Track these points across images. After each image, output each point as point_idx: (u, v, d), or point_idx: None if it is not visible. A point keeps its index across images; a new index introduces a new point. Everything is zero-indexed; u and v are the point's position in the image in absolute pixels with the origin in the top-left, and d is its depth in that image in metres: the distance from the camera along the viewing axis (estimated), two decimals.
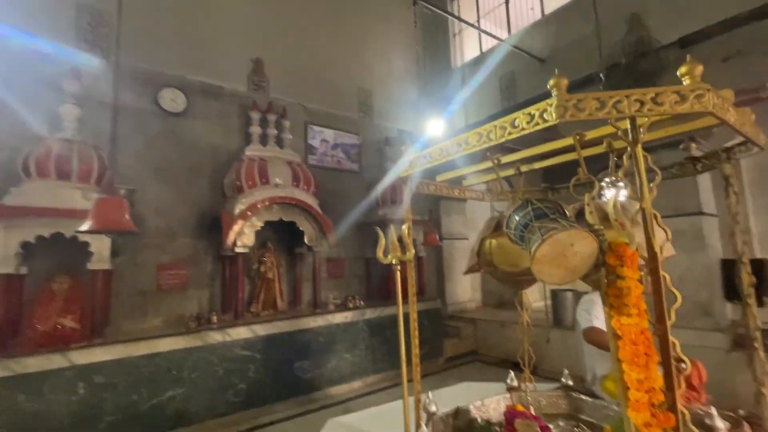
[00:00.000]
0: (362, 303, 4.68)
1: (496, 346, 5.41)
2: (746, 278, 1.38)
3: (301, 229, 4.32)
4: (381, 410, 2.19)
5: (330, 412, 3.73)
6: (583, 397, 1.90)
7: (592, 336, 1.97)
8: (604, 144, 1.26)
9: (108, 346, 3.01)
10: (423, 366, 4.89)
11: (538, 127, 1.02)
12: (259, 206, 3.93)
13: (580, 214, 1.16)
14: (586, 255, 0.89)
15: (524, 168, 1.86)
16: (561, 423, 1.75)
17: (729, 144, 1.41)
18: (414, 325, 1.69)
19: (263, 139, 4.50)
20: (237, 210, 3.91)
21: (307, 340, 4.04)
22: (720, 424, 1.43)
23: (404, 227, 1.69)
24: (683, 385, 0.84)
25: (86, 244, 3.12)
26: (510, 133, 1.10)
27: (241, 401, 3.55)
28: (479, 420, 1.75)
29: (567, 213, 1.01)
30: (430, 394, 1.65)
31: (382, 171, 5.69)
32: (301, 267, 4.85)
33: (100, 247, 3.16)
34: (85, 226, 2.28)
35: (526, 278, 1.64)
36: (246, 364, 3.62)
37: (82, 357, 2.90)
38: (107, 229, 2.31)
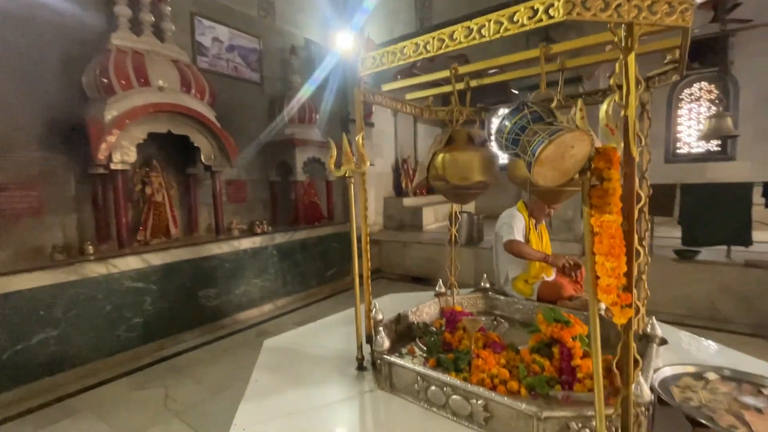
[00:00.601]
0: (270, 228, 4.44)
1: (398, 264, 5.86)
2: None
3: (195, 145, 3.70)
4: (313, 327, 2.19)
5: (243, 335, 3.66)
6: (498, 296, 2.20)
7: (514, 247, 2.23)
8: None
9: None
10: (332, 285, 5.07)
11: (540, 24, 0.97)
12: (139, 113, 3.17)
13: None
14: (579, 158, 0.93)
15: (474, 83, 1.83)
16: (482, 318, 2.01)
17: (650, 74, 1.59)
18: (366, 239, 1.65)
19: (136, 28, 3.50)
20: (108, 116, 3.10)
21: (211, 267, 3.71)
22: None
23: (358, 137, 1.55)
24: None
25: None
26: (507, 29, 1.02)
27: (138, 336, 3.17)
28: (417, 323, 1.88)
29: (558, 118, 1.02)
30: (376, 303, 1.68)
31: (288, 85, 5.12)
32: (196, 190, 4.26)
33: None
34: None
35: (472, 192, 1.71)
36: (140, 296, 3.18)
37: None
38: None
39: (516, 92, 6.03)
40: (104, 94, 3.19)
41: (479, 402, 1.19)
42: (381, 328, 1.50)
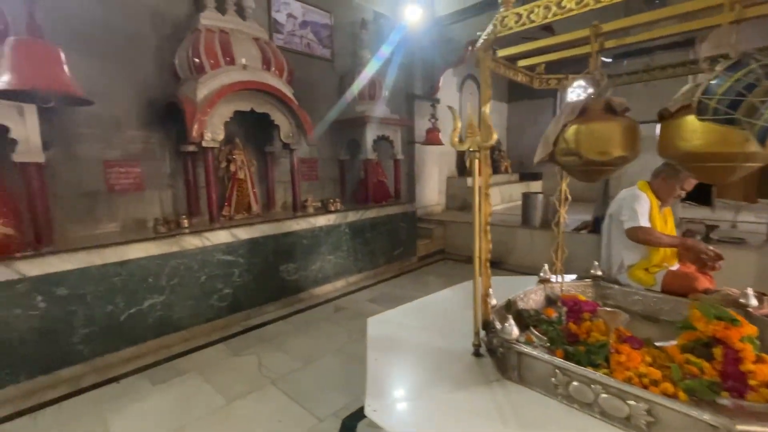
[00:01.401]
0: (342, 207, 4.47)
1: (463, 245, 5.70)
2: None
3: (275, 123, 3.76)
4: (411, 307, 2.15)
5: (321, 310, 3.75)
6: (611, 285, 2.00)
7: (640, 235, 2.00)
8: None
9: (65, 254, 2.51)
10: (399, 264, 5.05)
11: None
12: (227, 92, 3.26)
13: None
14: None
15: (611, 43, 1.60)
16: (626, 314, 1.83)
17: None
18: (486, 220, 1.53)
19: (220, 6, 3.56)
20: (200, 95, 3.21)
21: (290, 243, 3.82)
22: (754, 301, 1.58)
23: (485, 108, 1.41)
24: None
25: (4, 129, 2.37)
26: None
27: (228, 305, 3.37)
28: (527, 311, 1.76)
29: None
30: (489, 289, 1.57)
31: (357, 60, 5.00)
32: (273, 167, 4.38)
33: (26, 132, 2.42)
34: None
35: (609, 168, 1.51)
36: (229, 268, 3.35)
37: (35, 267, 2.40)
38: (38, 87, 1.61)
39: (608, 60, 5.45)
40: (195, 73, 3.30)
41: (641, 405, 1.06)
42: (509, 316, 1.40)
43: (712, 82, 0.84)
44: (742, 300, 1.58)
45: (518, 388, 1.31)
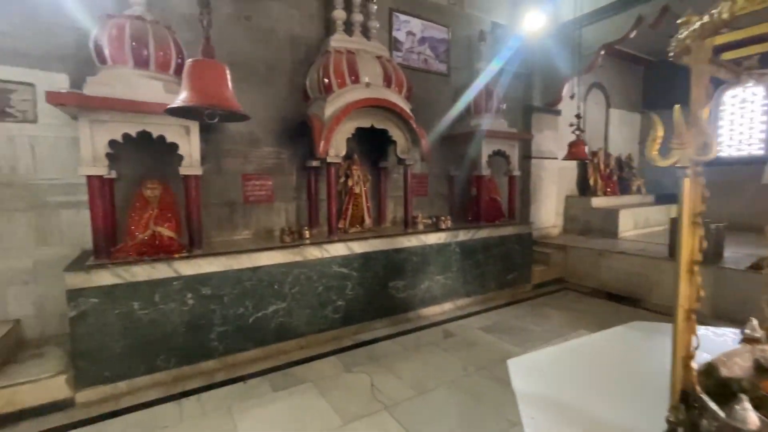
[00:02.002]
0: (452, 224, 4.26)
1: (589, 275, 4.97)
2: None
3: (393, 138, 3.76)
4: (562, 351, 1.82)
5: (430, 333, 3.56)
6: None
7: None
8: None
9: (211, 257, 2.79)
10: (511, 290, 4.58)
11: None
12: (351, 109, 3.35)
13: None
14: None
15: None
16: None
17: None
18: (694, 257, 1.18)
19: (348, 28, 3.74)
20: (327, 113, 3.36)
21: (401, 259, 3.74)
22: None
23: (704, 111, 1.08)
24: None
25: (174, 146, 2.74)
26: None
27: (340, 318, 3.40)
28: (738, 382, 1.31)
29: None
30: (695, 349, 1.18)
31: (473, 73, 4.81)
32: (386, 182, 4.40)
33: (190, 149, 2.78)
34: (180, 100, 1.79)
35: None
36: (344, 281, 3.39)
37: (188, 268, 2.71)
38: (210, 104, 1.78)
39: None
40: (324, 93, 3.48)
41: None
42: (743, 397, 1.02)
43: None
44: None
45: None
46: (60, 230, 2.90)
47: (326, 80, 3.45)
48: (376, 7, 3.87)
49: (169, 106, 1.77)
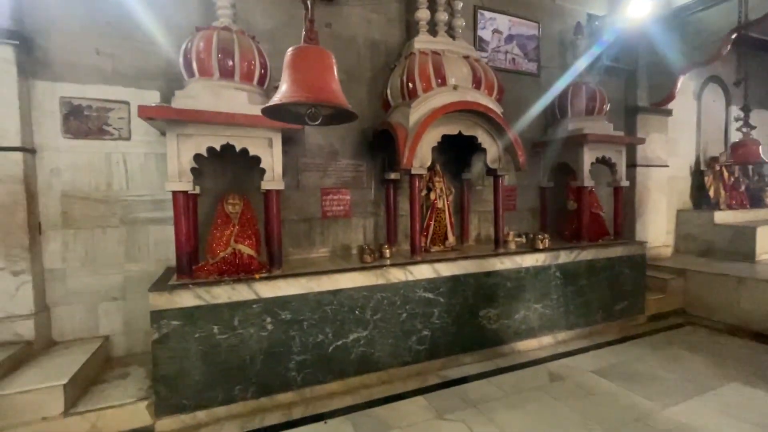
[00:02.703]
0: (550, 244, 3.68)
1: (723, 308, 4.04)
2: None
3: (482, 146, 3.33)
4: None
5: (531, 374, 3.01)
6: None
7: None
8: None
9: (291, 278, 2.57)
10: (621, 323, 3.79)
11: None
12: (438, 115, 3.00)
13: None
14: None
15: None
16: None
17: None
18: None
19: (431, 28, 3.43)
20: (413, 120, 3.05)
21: (493, 284, 3.25)
22: None
23: None
24: None
25: (257, 160, 2.59)
26: None
27: (426, 349, 3.00)
28: None
29: None
30: None
31: (568, 71, 4.23)
32: (469, 196, 3.98)
33: (273, 162, 2.61)
34: (280, 96, 1.45)
35: None
36: (429, 307, 3.00)
37: (268, 289, 2.50)
38: (318, 100, 1.47)
39: None
40: (408, 98, 3.18)
41: None
42: None
43: None
44: None
45: None
46: (147, 246, 2.89)
47: (410, 84, 3.15)
48: (461, 3, 3.52)
49: (266, 105, 1.53)
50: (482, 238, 4.10)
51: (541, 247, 3.52)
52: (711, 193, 5.48)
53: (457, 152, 3.86)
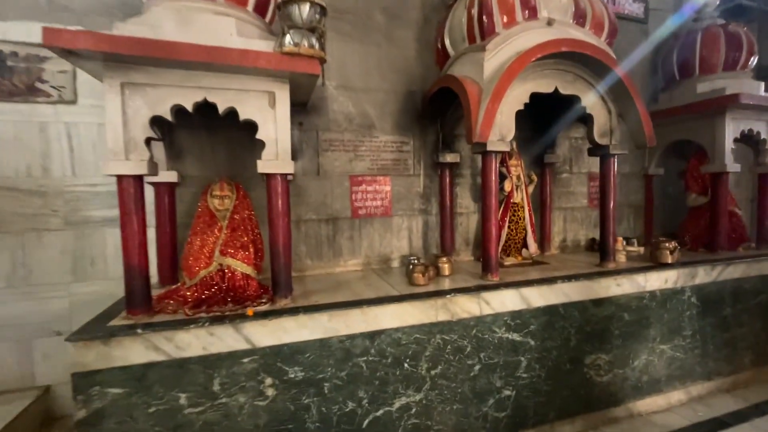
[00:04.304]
0: (679, 257, 2.55)
1: None
2: None
3: (587, 111, 2.25)
4: None
5: None
6: None
7: None
8: None
9: (304, 314, 1.61)
10: None
11: None
12: (526, 62, 1.95)
13: None
14: None
15: None
16: None
17: None
18: None
19: None
20: (489, 69, 2.02)
21: (603, 317, 2.18)
22: None
23: None
24: None
25: (251, 127, 1.65)
26: None
27: (507, 418, 1.98)
28: None
29: None
30: None
31: (684, 17, 3.06)
32: (552, 186, 2.90)
33: (275, 131, 1.66)
34: None
35: None
36: (514, 354, 1.98)
37: (267, 333, 1.56)
38: None
39: None
40: (480, 40, 2.13)
41: None
42: None
43: None
44: None
45: None
46: (104, 258, 2.03)
47: (484, 18, 2.09)
48: None
49: None
50: (568, 244, 3.01)
51: (669, 260, 2.40)
52: None
53: (535, 124, 2.79)
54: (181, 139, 2.06)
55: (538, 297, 2.02)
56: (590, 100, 2.24)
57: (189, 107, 1.57)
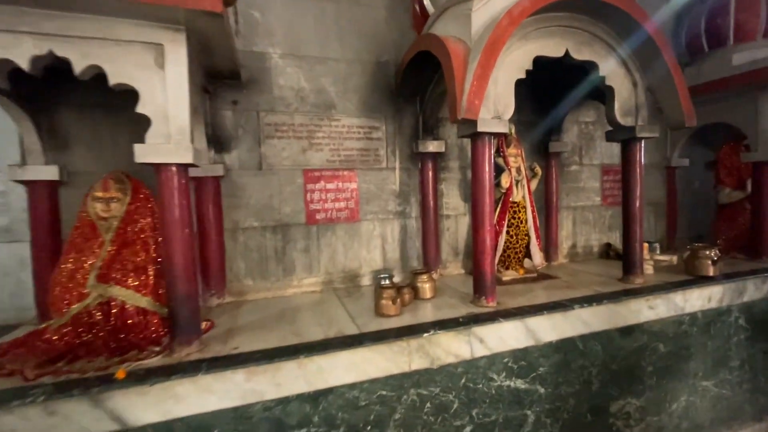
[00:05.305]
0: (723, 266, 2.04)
1: None
2: None
3: (606, 83, 1.74)
4: None
5: None
6: None
7: None
8: None
9: (206, 374, 1.08)
10: None
11: None
12: (530, 11, 1.44)
13: None
14: None
15: None
16: None
17: None
18: None
19: None
20: (477, 25, 1.50)
21: (632, 349, 1.67)
22: None
23: None
24: None
25: (130, 95, 1.11)
26: None
27: None
28: None
29: None
30: None
31: None
32: (558, 181, 2.39)
33: (165, 100, 1.13)
34: None
35: None
36: (517, 408, 1.46)
37: (148, 405, 1.03)
38: None
39: None
40: None
41: None
42: None
43: None
44: None
45: None
46: None
47: None
48: None
49: None
50: (579, 251, 2.50)
51: (711, 273, 1.89)
52: None
53: (537, 105, 2.29)
54: (65, 120, 1.53)
55: (549, 329, 1.50)
56: (610, 67, 1.73)
57: (24, 65, 1.03)
